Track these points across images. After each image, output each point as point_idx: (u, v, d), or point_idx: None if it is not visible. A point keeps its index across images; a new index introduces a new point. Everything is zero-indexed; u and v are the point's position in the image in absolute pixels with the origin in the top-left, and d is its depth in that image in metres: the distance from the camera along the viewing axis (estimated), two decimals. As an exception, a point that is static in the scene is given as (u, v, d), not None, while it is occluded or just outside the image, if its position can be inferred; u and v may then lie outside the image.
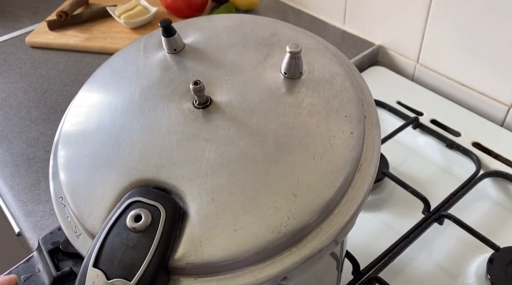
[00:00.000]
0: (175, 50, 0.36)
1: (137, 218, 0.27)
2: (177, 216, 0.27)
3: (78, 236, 0.29)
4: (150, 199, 0.27)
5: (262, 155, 0.29)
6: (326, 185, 0.28)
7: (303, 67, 0.33)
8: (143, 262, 0.25)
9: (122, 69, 0.36)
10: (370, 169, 0.30)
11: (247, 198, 0.27)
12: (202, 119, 0.31)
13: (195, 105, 0.32)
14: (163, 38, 0.35)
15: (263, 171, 0.28)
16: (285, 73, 0.33)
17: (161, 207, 0.27)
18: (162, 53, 0.36)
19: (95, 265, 0.25)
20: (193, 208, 0.28)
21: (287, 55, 0.32)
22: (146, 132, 0.31)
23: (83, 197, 0.30)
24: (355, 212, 0.28)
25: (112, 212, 0.27)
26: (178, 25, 0.39)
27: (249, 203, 0.27)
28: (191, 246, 0.26)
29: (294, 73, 0.33)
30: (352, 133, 0.30)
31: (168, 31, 0.35)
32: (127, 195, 0.28)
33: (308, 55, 0.35)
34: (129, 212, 0.27)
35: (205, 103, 0.32)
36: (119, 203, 0.28)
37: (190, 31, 0.38)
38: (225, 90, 0.33)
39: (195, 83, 0.30)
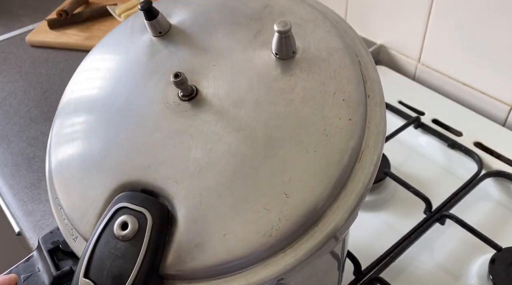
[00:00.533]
0: (160, 33, 0.33)
1: (124, 226, 0.26)
2: (165, 222, 0.26)
3: (75, 239, 0.29)
4: (136, 204, 0.26)
5: (251, 152, 0.27)
6: (321, 181, 0.26)
7: (296, 45, 0.30)
8: (132, 271, 0.24)
9: (109, 57, 0.35)
10: (373, 158, 0.27)
11: (236, 200, 0.26)
12: (188, 113, 0.29)
13: (180, 97, 0.30)
14: (145, 21, 0.33)
15: (253, 169, 0.27)
16: (276, 54, 0.30)
17: (148, 214, 0.26)
18: (148, 37, 0.34)
19: (86, 275, 0.25)
20: (181, 212, 0.26)
21: (276, 35, 0.29)
22: (132, 130, 0.30)
23: (74, 201, 0.29)
24: (354, 207, 0.26)
25: (100, 219, 0.27)
26: (163, 1, 0.36)
27: (238, 205, 0.26)
28: (181, 253, 0.26)
29: (285, 53, 0.29)
30: (350, 119, 0.27)
31: (150, 14, 0.32)
32: (114, 200, 0.27)
33: (303, 28, 0.31)
34: (116, 219, 0.26)
35: (190, 95, 0.30)
36: (107, 209, 0.27)
37: (177, 8, 0.35)
38: (212, 78, 0.30)
39: (176, 75, 0.28)
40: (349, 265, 0.46)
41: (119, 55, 0.34)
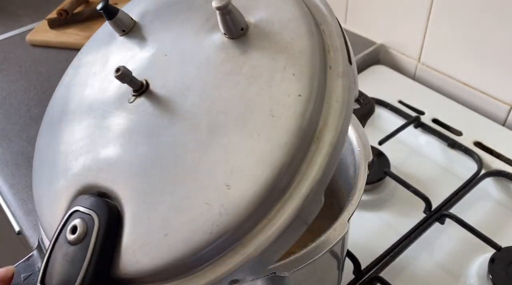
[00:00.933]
0: (124, 31, 0.33)
1: (74, 229, 0.25)
2: (113, 224, 0.25)
3: None
4: (86, 207, 0.26)
5: (194, 143, 0.25)
6: (265, 168, 0.23)
7: (244, 20, 0.27)
8: (78, 277, 0.24)
9: (86, 61, 0.35)
10: (333, 137, 0.24)
11: (178, 196, 0.24)
12: (139, 109, 0.29)
13: (132, 93, 0.29)
14: (107, 21, 0.32)
15: (194, 161, 0.25)
16: (225, 34, 0.27)
17: (95, 216, 0.25)
18: (116, 36, 0.34)
19: (42, 281, 0.25)
20: (128, 212, 0.26)
21: (217, 13, 0.26)
22: (91, 134, 0.30)
23: (44, 210, 0.29)
24: (309, 193, 0.23)
25: (57, 224, 0.26)
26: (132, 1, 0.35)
27: (179, 202, 0.24)
28: (126, 256, 0.25)
29: (233, 31, 0.27)
30: (300, 95, 0.24)
31: (109, 13, 0.32)
32: (71, 204, 0.27)
33: (256, 1, 0.28)
34: (69, 224, 0.25)
35: (139, 89, 0.29)
36: (64, 214, 0.27)
37: (140, 4, 0.34)
38: (162, 68, 0.29)
39: (117, 70, 0.27)
40: (349, 265, 0.46)
41: (93, 60, 0.34)
